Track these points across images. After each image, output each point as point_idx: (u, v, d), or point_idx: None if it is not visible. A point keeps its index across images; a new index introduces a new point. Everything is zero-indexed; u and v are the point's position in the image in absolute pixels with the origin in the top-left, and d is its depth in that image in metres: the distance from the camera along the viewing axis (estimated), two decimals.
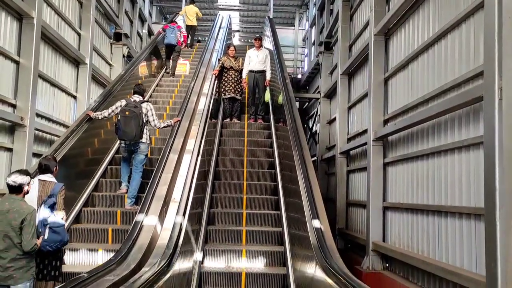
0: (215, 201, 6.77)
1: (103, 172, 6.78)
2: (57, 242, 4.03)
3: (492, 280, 3.74)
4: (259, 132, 9.00)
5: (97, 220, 5.78)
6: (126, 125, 5.97)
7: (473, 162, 4.57)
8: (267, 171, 7.61)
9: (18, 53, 6.96)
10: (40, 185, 4.29)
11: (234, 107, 9.37)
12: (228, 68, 9.29)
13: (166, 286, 3.10)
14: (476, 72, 4.47)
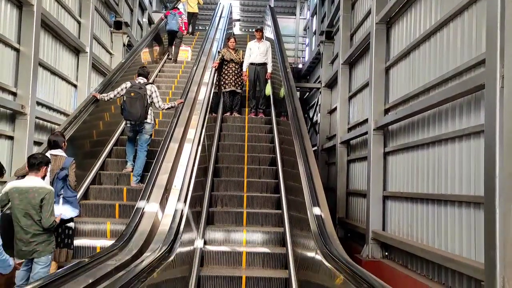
0: (215, 199, 6.47)
1: (109, 152, 7.02)
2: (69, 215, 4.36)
3: (490, 266, 3.77)
4: (260, 126, 8.74)
5: (104, 197, 6.01)
6: (131, 106, 6.17)
7: (473, 150, 4.58)
8: (268, 167, 7.38)
9: (18, 40, 6.94)
10: (52, 159, 4.53)
11: (235, 100, 9.13)
12: (228, 60, 9.04)
13: (168, 271, 3.12)
14: (478, 60, 4.46)
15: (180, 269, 3.70)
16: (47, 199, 3.97)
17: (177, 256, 3.39)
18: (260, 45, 9.09)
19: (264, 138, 8.24)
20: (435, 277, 5.22)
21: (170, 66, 11.68)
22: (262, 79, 9.13)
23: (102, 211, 5.57)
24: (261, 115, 9.19)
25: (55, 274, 2.38)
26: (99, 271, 2.64)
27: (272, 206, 6.51)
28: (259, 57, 9.04)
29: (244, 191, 6.75)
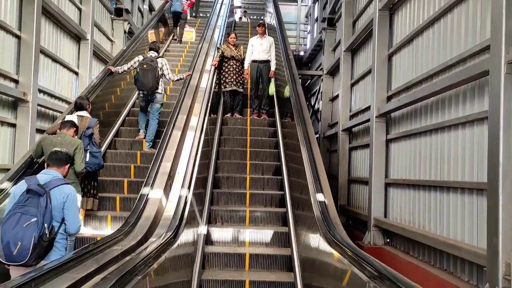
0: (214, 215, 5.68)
1: (122, 122, 7.63)
2: (96, 164, 4.96)
3: (493, 252, 3.80)
4: (264, 130, 7.93)
5: (120, 160, 6.59)
6: (144, 77, 6.72)
7: (476, 137, 4.58)
8: (272, 177, 6.55)
9: (19, 27, 6.91)
10: (79, 120, 5.21)
11: (236, 100, 8.43)
12: (228, 57, 8.31)
13: (173, 256, 3.15)
14: (482, 46, 4.44)
15: (184, 253, 3.74)
16: (78, 149, 4.56)
17: (181, 241, 3.42)
18: (263, 41, 8.45)
19: (268, 143, 7.51)
20: (437, 263, 5.26)
21: (176, 46, 11.90)
22: (265, 77, 8.46)
23: (118, 171, 6.22)
24: (264, 116, 8.48)
25: (64, 258, 2.40)
26: (105, 256, 2.67)
27: (278, 222, 5.65)
28: (262, 54, 8.41)
29: (246, 205, 5.96)
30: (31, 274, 2.01)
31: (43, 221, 3.24)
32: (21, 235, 3.13)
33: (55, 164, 3.67)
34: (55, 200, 3.38)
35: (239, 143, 7.45)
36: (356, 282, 2.58)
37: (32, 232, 3.18)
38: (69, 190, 3.52)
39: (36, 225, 3.19)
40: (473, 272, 4.51)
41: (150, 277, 2.36)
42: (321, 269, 3.59)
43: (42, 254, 3.27)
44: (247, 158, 7.02)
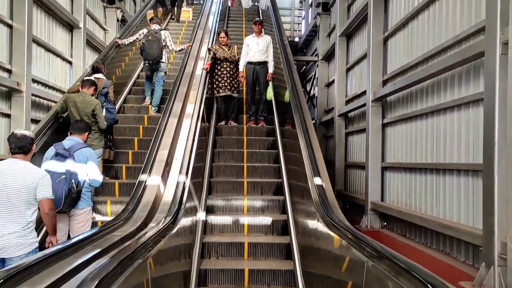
0: (208, 248, 4.83)
1: (129, 91, 8.29)
2: (111, 119, 5.64)
3: (489, 232, 3.84)
4: (262, 140, 7.11)
5: (130, 122, 7.27)
6: (150, 48, 7.37)
7: (472, 119, 4.60)
8: (273, 198, 5.70)
9: (11, 16, 6.82)
10: (95, 81, 5.75)
11: (230, 107, 7.61)
12: (221, 59, 7.46)
13: (173, 241, 3.17)
14: (477, 27, 4.43)
15: (184, 238, 3.76)
16: (97, 109, 5.28)
17: (180, 226, 3.44)
18: (259, 41, 7.57)
19: (267, 156, 6.66)
20: (433, 245, 5.32)
21: (174, 25, 12.10)
22: (262, 80, 7.61)
23: (129, 131, 6.93)
24: (262, 123, 7.64)
25: (64, 244, 2.41)
26: (105, 241, 2.69)
27: (280, 254, 4.80)
28: (258, 55, 7.53)
29: (244, 232, 5.20)
30: (32, 259, 2.02)
31: (71, 177, 3.98)
32: (54, 189, 3.65)
33: (77, 132, 4.40)
34: (79, 161, 4.10)
35: (235, 157, 6.61)
36: (355, 262, 2.61)
37: (63, 186, 3.92)
38: (89, 152, 4.27)
39: (65, 181, 3.94)
40: (469, 252, 4.58)
41: (150, 261, 2.38)
42: (320, 251, 3.62)
43: (72, 204, 4.03)
44: (244, 175, 6.24)
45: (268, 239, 4.91)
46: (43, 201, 3.35)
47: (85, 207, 4.19)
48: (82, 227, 4.13)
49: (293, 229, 4.86)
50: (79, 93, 5.42)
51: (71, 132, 4.43)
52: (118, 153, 6.21)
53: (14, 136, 3.46)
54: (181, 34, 11.29)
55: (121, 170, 5.94)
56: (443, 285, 1.73)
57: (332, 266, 3.20)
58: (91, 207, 4.33)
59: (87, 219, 4.22)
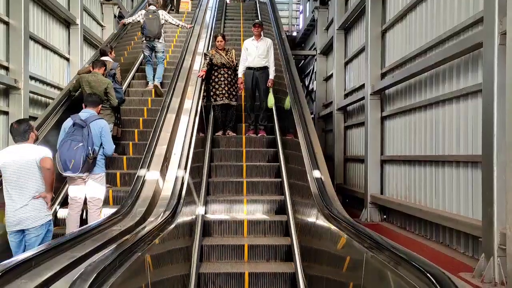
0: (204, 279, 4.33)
1: (133, 76, 8.69)
2: (119, 98, 6.00)
3: (488, 223, 3.85)
4: (262, 152, 6.56)
5: (135, 104, 7.62)
6: (150, 25, 7.97)
7: (471, 110, 4.59)
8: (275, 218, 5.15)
9: (7, 13, 6.79)
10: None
11: (228, 115, 7.11)
12: (218, 65, 6.99)
13: (172, 234, 3.17)
14: (475, 18, 4.42)
15: (183, 232, 3.76)
16: (109, 87, 5.70)
17: (179, 220, 3.43)
18: (259, 44, 7.04)
19: (268, 169, 6.17)
20: (433, 237, 5.33)
21: (173, 15, 11.92)
22: (262, 87, 7.06)
23: (134, 113, 7.31)
24: (262, 133, 7.09)
25: (63, 238, 2.41)
26: (104, 236, 2.69)
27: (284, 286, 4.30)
28: (258, 60, 7.01)
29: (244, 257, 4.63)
30: (30, 253, 2.02)
31: (87, 145, 4.37)
32: (73, 155, 4.28)
33: (91, 105, 4.80)
34: (94, 130, 4.49)
35: (233, 172, 6.14)
36: (355, 253, 2.60)
37: (81, 153, 4.32)
38: (103, 123, 4.66)
39: (82, 148, 4.34)
40: (469, 243, 4.58)
41: (149, 254, 2.38)
42: (320, 243, 3.63)
43: (89, 168, 4.43)
44: (243, 192, 5.75)
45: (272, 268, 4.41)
46: (44, 159, 3.81)
47: (100, 172, 4.61)
48: (97, 190, 4.59)
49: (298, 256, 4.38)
50: (92, 73, 5.82)
51: (85, 105, 4.85)
52: (125, 131, 6.62)
53: (12, 127, 3.96)
54: (182, 19, 11.22)
55: (128, 146, 6.36)
56: (443, 274, 1.73)
57: (332, 258, 3.20)
58: (105, 174, 4.75)
59: (101, 184, 4.64)
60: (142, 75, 8.67)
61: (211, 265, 4.40)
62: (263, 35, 7.26)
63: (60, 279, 1.81)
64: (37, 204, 3.76)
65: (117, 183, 5.60)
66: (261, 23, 7.52)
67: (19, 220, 3.70)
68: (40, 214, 3.76)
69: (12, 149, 3.89)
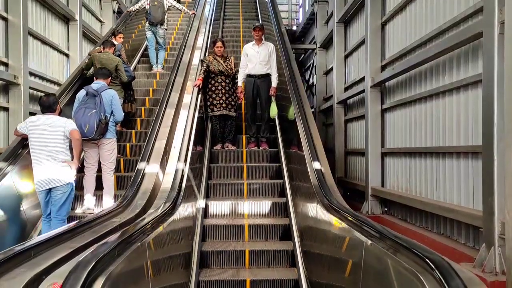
0: None
1: (138, 61, 9.45)
2: (129, 76, 6.55)
3: (489, 212, 3.84)
4: (265, 168, 6.13)
5: (140, 85, 8.21)
6: (155, 12, 8.65)
7: (471, 101, 4.58)
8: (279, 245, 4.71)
9: (5, 9, 6.77)
10: None
11: (227, 127, 6.63)
12: (215, 73, 6.54)
13: (172, 226, 3.17)
14: (475, 8, 4.39)
15: (183, 223, 3.76)
16: (119, 65, 6.31)
17: (180, 212, 3.44)
18: (260, 50, 6.57)
19: (272, 188, 5.69)
20: (434, 228, 5.33)
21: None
22: (264, 96, 6.59)
23: (140, 93, 7.85)
24: (264, 146, 6.62)
25: (63, 229, 2.41)
26: (104, 227, 2.69)
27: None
28: (259, 67, 6.54)
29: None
30: (29, 243, 2.02)
31: (99, 111, 4.90)
32: (87, 120, 4.83)
33: (102, 77, 5.40)
34: (105, 99, 5.04)
35: (233, 191, 5.70)
36: (354, 242, 2.60)
37: (94, 119, 4.84)
38: (113, 92, 5.25)
39: (95, 114, 4.87)
40: (469, 234, 4.58)
41: (149, 244, 2.38)
42: (321, 235, 3.63)
43: (102, 132, 4.94)
44: (244, 215, 5.31)
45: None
46: (73, 131, 4.41)
47: (112, 137, 5.15)
48: (110, 154, 5.13)
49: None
50: (103, 52, 6.48)
51: (97, 77, 5.46)
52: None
53: (41, 99, 4.61)
54: (181, 15, 11.67)
55: (136, 122, 7.03)
56: (442, 259, 1.73)
57: (333, 249, 3.20)
58: (116, 138, 5.28)
59: (113, 148, 5.18)
60: (146, 59, 9.48)
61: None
62: (264, 39, 6.79)
63: (59, 268, 1.81)
64: (63, 167, 4.32)
65: (127, 154, 6.23)
66: (262, 26, 6.88)
67: (49, 180, 4.26)
68: (66, 175, 4.33)
69: (41, 118, 4.50)
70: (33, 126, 4.40)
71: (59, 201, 4.25)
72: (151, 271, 2.33)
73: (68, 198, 4.34)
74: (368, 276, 2.28)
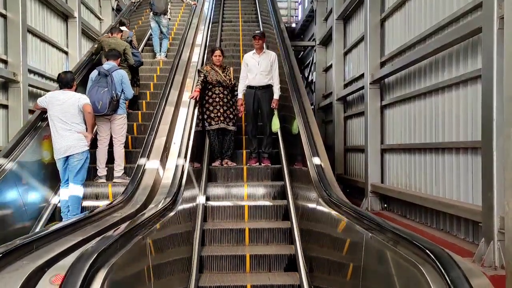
0: None
1: (142, 49, 9.76)
2: (136, 61, 7.08)
3: (488, 208, 3.86)
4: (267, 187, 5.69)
5: (145, 71, 8.67)
6: (158, 3, 9.15)
7: (470, 96, 4.59)
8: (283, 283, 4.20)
9: (4, 6, 6.76)
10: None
11: (225, 142, 6.24)
12: (213, 83, 6.18)
13: (172, 221, 3.18)
14: (475, 3, 4.40)
15: (184, 219, 3.77)
16: (127, 48, 6.80)
17: (180, 206, 3.45)
18: (261, 59, 6.21)
19: (274, 211, 5.23)
20: (434, 224, 5.34)
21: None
22: (265, 109, 6.22)
23: (145, 78, 8.40)
24: (266, 163, 6.21)
25: (64, 223, 2.42)
26: (105, 222, 2.71)
27: None
28: (260, 78, 6.18)
29: None
30: (32, 236, 2.03)
31: (111, 90, 5.38)
32: (100, 97, 5.33)
33: (112, 58, 5.91)
34: (116, 78, 5.50)
35: (234, 215, 5.24)
36: (356, 236, 2.61)
37: (107, 96, 5.34)
38: (123, 72, 5.72)
39: (107, 92, 5.36)
40: (469, 229, 4.59)
41: (150, 238, 2.39)
42: (322, 229, 3.64)
43: (114, 109, 5.43)
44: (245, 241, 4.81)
45: None
46: (85, 105, 4.92)
47: (122, 113, 5.65)
48: (121, 128, 5.63)
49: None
50: (111, 37, 6.99)
51: (107, 58, 5.94)
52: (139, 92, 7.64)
53: (60, 76, 5.18)
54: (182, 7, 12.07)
55: (141, 104, 7.58)
56: (442, 250, 1.74)
57: (334, 242, 3.21)
58: (126, 115, 5.76)
59: (123, 123, 5.68)
60: (150, 48, 10.00)
61: None
62: (265, 47, 6.39)
63: (62, 260, 1.82)
64: (79, 136, 4.85)
65: (134, 132, 6.76)
66: (263, 34, 6.47)
67: (66, 148, 4.79)
68: (82, 144, 4.86)
69: (59, 93, 5.05)
70: (52, 101, 4.94)
71: (75, 167, 4.79)
72: (152, 264, 2.35)
73: (84, 165, 4.88)
74: (369, 268, 2.29)
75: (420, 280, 1.71)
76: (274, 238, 4.72)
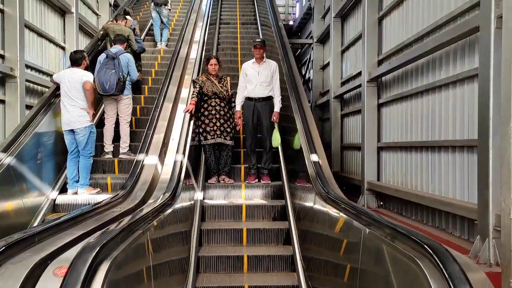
0: None
1: (143, 39, 9.81)
2: (139, 48, 7.50)
3: (484, 205, 3.90)
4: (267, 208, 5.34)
5: (147, 59, 9.13)
6: None
7: (467, 95, 4.63)
8: None
9: (1, 1, 6.74)
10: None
11: (222, 158, 5.90)
12: (209, 95, 5.83)
13: (171, 216, 3.20)
14: (472, 2, 4.43)
15: (182, 214, 3.79)
16: (131, 35, 7.22)
17: (179, 202, 3.47)
18: (261, 69, 5.85)
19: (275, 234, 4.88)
20: (429, 222, 5.39)
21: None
22: (265, 123, 5.85)
23: (146, 66, 8.93)
24: (266, 180, 5.86)
25: (64, 217, 2.44)
26: (105, 216, 2.72)
27: None
28: (260, 89, 5.82)
29: None
30: (33, 230, 2.05)
31: (118, 71, 5.78)
32: (108, 78, 5.72)
33: (119, 42, 6.40)
34: (122, 61, 5.95)
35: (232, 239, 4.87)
36: (354, 232, 2.64)
37: (114, 77, 5.73)
38: (129, 56, 6.24)
39: (115, 74, 5.75)
40: (464, 227, 4.64)
41: (150, 232, 2.41)
42: (320, 225, 3.67)
43: (120, 89, 5.84)
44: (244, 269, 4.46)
45: None
46: (85, 82, 5.20)
47: (128, 94, 6.12)
48: (127, 108, 6.08)
49: None
50: (116, 24, 7.52)
51: (114, 42, 6.44)
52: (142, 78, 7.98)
53: (71, 55, 5.58)
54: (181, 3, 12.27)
55: (144, 89, 7.99)
56: (439, 245, 1.77)
57: (332, 239, 3.24)
58: (131, 95, 6.23)
59: (129, 103, 6.14)
60: (151, 38, 10.33)
61: None
62: (266, 57, 6.04)
63: (64, 253, 1.84)
64: (82, 112, 5.16)
65: (137, 114, 7.18)
66: (264, 42, 6.05)
67: (69, 121, 5.16)
68: (84, 119, 5.17)
69: (68, 71, 5.46)
70: (61, 77, 5.35)
71: (82, 142, 5.16)
72: (152, 256, 2.37)
73: (90, 139, 5.21)
74: (366, 263, 2.32)
75: (418, 274, 1.74)
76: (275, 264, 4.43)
